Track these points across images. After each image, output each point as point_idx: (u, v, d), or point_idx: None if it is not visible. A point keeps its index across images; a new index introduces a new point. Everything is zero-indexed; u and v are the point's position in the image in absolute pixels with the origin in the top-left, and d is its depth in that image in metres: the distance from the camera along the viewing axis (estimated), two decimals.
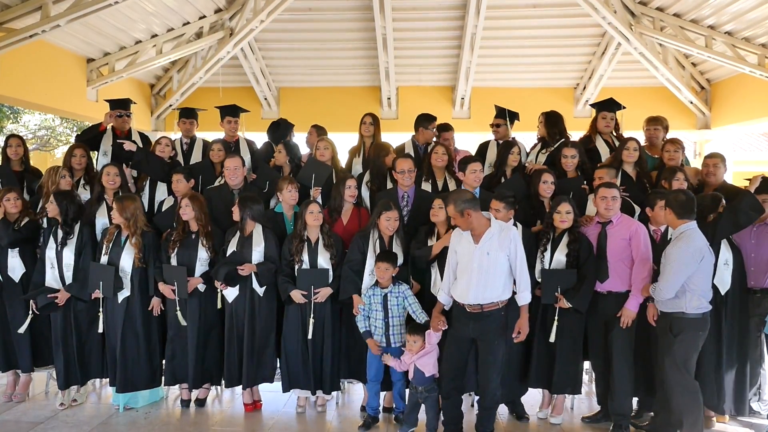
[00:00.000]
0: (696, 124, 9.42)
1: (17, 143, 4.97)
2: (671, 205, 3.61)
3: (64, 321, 4.32)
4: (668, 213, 3.64)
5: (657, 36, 7.77)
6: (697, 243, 3.51)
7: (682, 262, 3.47)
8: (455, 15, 8.09)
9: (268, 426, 4.14)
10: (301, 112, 9.41)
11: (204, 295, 4.29)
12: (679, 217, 3.58)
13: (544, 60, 9.00)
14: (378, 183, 4.75)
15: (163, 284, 4.21)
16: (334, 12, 8.16)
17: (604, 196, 3.90)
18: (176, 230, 4.29)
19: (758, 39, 7.27)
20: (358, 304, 4.06)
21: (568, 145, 4.66)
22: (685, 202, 3.58)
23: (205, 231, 4.27)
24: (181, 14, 7.80)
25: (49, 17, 6.01)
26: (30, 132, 13.91)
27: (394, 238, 4.14)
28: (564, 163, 4.56)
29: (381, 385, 4.14)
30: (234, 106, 5.46)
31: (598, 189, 3.98)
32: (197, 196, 4.38)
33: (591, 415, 4.20)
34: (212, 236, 4.30)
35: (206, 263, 4.27)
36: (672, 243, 3.60)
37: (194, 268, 4.24)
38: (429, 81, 9.51)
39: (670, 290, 3.51)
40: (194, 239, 4.28)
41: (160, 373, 4.45)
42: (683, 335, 3.55)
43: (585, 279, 3.89)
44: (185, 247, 4.25)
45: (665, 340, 3.62)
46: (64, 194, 4.39)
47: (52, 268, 4.31)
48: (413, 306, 4.00)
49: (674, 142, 4.67)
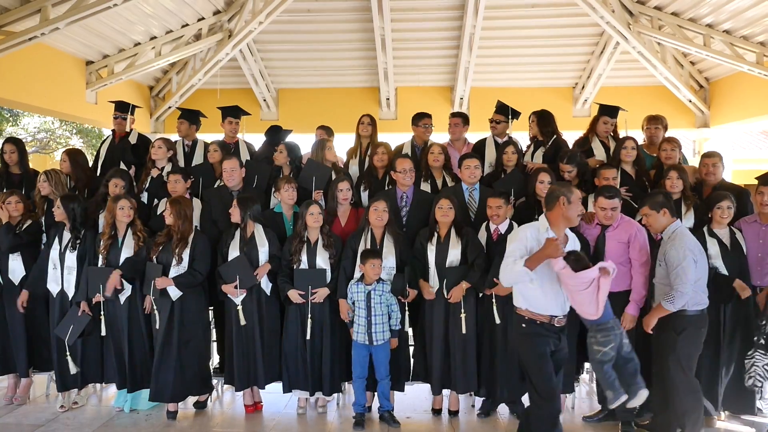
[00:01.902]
0: (695, 123, 9.42)
1: (11, 149, 4.96)
2: (653, 207, 3.63)
3: None
4: (652, 216, 3.65)
5: (655, 35, 7.77)
6: (689, 239, 3.52)
7: (686, 259, 3.45)
8: (454, 15, 8.09)
9: (269, 427, 4.15)
10: (300, 114, 9.48)
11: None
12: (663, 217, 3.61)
13: (543, 60, 9.00)
14: (369, 182, 4.76)
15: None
16: (333, 13, 8.16)
17: (604, 207, 3.88)
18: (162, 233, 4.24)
19: (756, 37, 7.27)
20: (345, 310, 4.08)
21: (564, 160, 4.51)
22: (664, 202, 3.60)
23: (179, 237, 4.14)
24: (179, 16, 7.80)
25: (48, 20, 6.01)
26: (29, 135, 13.91)
27: (385, 235, 4.14)
28: (562, 169, 4.55)
29: (366, 384, 4.15)
30: (236, 107, 5.48)
31: (598, 197, 3.94)
32: (179, 200, 4.25)
33: (592, 415, 4.20)
34: (185, 244, 4.16)
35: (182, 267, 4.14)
36: (667, 245, 3.59)
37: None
38: (428, 81, 9.51)
39: (688, 291, 3.46)
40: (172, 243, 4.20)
41: None
42: (686, 333, 3.54)
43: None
44: (166, 250, 4.18)
45: (668, 339, 3.60)
46: (71, 197, 4.40)
47: (54, 269, 4.33)
48: (393, 307, 4.04)
49: (670, 141, 4.67)
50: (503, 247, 4.02)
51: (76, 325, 4.19)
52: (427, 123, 5.17)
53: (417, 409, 4.41)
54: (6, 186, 4.89)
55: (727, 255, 3.98)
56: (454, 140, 5.27)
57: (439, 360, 4.11)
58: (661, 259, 3.61)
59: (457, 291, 4.02)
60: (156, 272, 4.11)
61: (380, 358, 4.05)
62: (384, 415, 4.12)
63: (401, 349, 4.22)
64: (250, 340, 4.23)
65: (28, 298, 4.44)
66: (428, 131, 5.18)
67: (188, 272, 4.11)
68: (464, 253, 4.08)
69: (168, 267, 4.12)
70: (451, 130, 5.26)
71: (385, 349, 4.06)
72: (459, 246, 4.08)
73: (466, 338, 4.07)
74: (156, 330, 4.16)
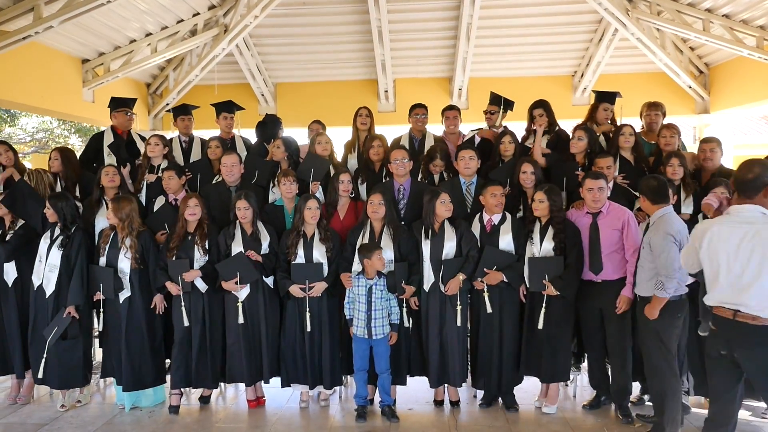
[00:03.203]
0: (695, 109, 9.37)
1: (5, 149, 4.95)
2: (644, 192, 3.62)
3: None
4: (643, 200, 3.65)
5: (654, 21, 7.72)
6: (675, 225, 3.51)
7: (667, 244, 3.45)
8: (450, 5, 8.04)
9: (272, 422, 4.16)
10: (298, 108, 9.44)
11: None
12: (653, 203, 3.59)
13: (542, 48, 8.94)
14: (366, 175, 4.75)
15: (170, 283, 4.21)
16: (329, 5, 8.11)
17: (591, 188, 3.89)
18: (176, 231, 4.27)
19: (756, 21, 7.21)
20: (347, 278, 4.07)
21: (580, 127, 4.62)
22: (658, 188, 3.58)
23: (201, 231, 4.27)
24: (174, 12, 7.76)
25: (42, 18, 5.99)
26: (28, 135, 13.91)
27: (384, 229, 4.13)
28: (572, 145, 4.54)
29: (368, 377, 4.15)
30: (229, 102, 5.46)
31: (584, 180, 3.95)
32: (194, 195, 4.36)
33: (590, 401, 4.23)
34: (206, 236, 4.29)
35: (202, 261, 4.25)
36: (652, 230, 3.57)
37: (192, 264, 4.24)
38: (426, 72, 9.48)
39: (676, 275, 3.45)
40: (190, 240, 4.27)
41: (164, 371, 4.47)
42: (663, 319, 3.54)
43: (571, 267, 3.91)
44: (184, 247, 4.25)
45: (647, 324, 3.61)
46: (59, 196, 4.39)
47: (39, 262, 4.33)
48: (393, 301, 4.04)
49: (669, 128, 4.64)
50: (496, 238, 4.06)
51: (60, 326, 4.19)
52: (419, 113, 5.16)
53: (419, 400, 4.41)
54: (3, 187, 4.87)
55: None
56: (450, 134, 5.26)
57: (436, 353, 4.12)
58: (647, 243, 3.61)
59: (453, 283, 4.02)
60: (183, 268, 4.16)
61: (380, 351, 4.05)
62: (384, 410, 4.12)
63: (403, 343, 4.22)
64: (256, 335, 4.25)
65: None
66: (420, 121, 5.17)
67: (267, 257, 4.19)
68: (459, 245, 4.07)
69: (192, 261, 4.21)
70: (448, 123, 5.24)
71: (385, 343, 4.06)
72: (454, 238, 4.07)
73: (460, 331, 4.08)
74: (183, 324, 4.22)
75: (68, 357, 4.29)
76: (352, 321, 4.10)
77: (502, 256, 4.05)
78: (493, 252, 4.05)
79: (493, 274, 4.01)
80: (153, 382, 4.37)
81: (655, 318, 3.54)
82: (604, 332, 3.98)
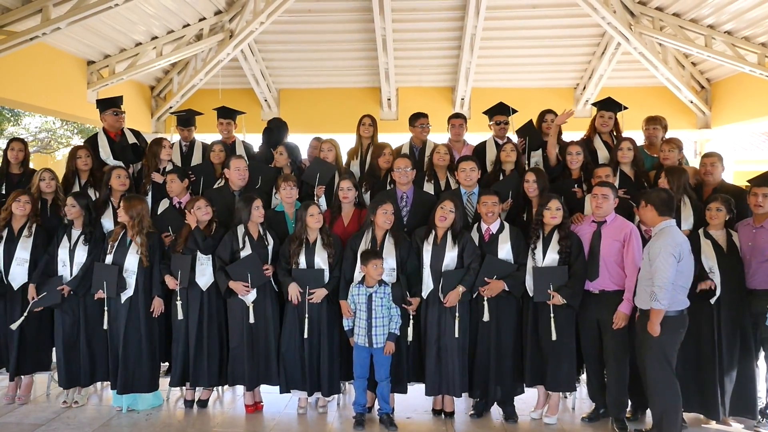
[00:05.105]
0: (696, 124, 9.41)
1: (20, 147, 4.96)
2: (653, 202, 3.65)
3: (72, 319, 4.37)
4: (649, 210, 3.67)
5: (657, 36, 7.77)
6: (677, 239, 3.54)
7: (663, 254, 3.47)
8: (455, 16, 8.10)
9: (269, 427, 4.15)
10: (301, 114, 9.48)
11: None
12: (660, 214, 3.63)
13: (544, 60, 9.00)
14: (371, 183, 4.76)
15: (170, 277, 4.24)
16: (334, 13, 8.17)
17: (595, 194, 3.96)
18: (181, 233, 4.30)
19: (758, 38, 7.26)
20: (347, 309, 4.08)
21: (576, 142, 4.68)
22: (667, 200, 3.62)
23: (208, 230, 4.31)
24: (180, 16, 7.81)
25: (50, 20, 6.03)
26: (31, 135, 13.93)
27: (386, 237, 4.14)
28: (569, 160, 4.57)
29: (368, 385, 4.15)
30: (224, 108, 5.45)
31: (593, 187, 4.03)
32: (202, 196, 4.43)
33: (589, 413, 4.21)
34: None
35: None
36: (653, 240, 3.60)
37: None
38: (429, 82, 9.53)
39: (669, 288, 3.48)
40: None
41: (158, 377, 4.46)
42: (663, 334, 3.55)
43: (576, 275, 3.93)
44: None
45: (647, 339, 3.62)
46: (83, 195, 4.48)
47: (64, 267, 4.36)
48: (393, 311, 4.03)
49: (669, 142, 4.66)
50: (495, 247, 4.08)
51: (50, 294, 4.25)
52: (423, 123, 5.18)
53: (418, 409, 4.40)
54: (6, 185, 4.89)
55: (723, 257, 3.97)
56: (455, 141, 5.28)
57: (433, 363, 4.11)
58: (646, 253, 3.63)
59: (453, 296, 4.01)
60: (185, 264, 4.18)
61: (381, 360, 4.04)
62: (383, 418, 4.11)
63: (404, 351, 4.20)
64: (261, 338, 4.25)
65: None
66: (425, 131, 5.19)
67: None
68: (461, 256, 4.07)
69: (196, 255, 4.26)
70: (454, 131, 5.26)
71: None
72: (455, 249, 4.07)
73: (458, 342, 4.06)
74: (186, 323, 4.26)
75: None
76: (351, 332, 4.10)
77: (502, 266, 4.06)
78: (493, 261, 4.06)
79: (494, 284, 4.02)
80: (146, 387, 4.33)
81: (657, 334, 3.55)
82: (602, 344, 3.99)
